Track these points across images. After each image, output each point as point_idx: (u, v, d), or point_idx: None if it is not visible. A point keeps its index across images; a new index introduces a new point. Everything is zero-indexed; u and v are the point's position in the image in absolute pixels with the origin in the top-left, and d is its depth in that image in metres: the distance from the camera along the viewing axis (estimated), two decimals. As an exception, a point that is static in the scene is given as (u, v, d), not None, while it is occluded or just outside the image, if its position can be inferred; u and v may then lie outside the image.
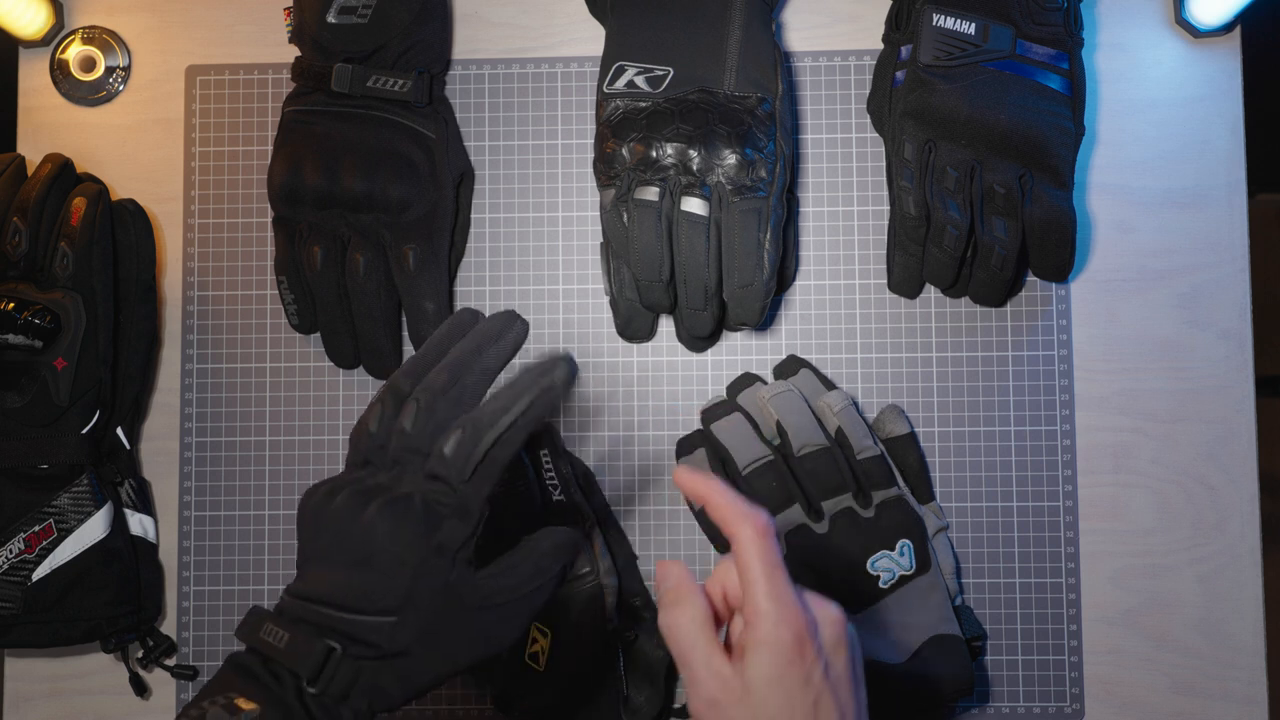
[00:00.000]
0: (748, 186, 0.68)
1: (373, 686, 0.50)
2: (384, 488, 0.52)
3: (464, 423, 0.51)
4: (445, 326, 0.56)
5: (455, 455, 0.51)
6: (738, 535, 0.47)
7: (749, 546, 0.46)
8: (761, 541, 0.46)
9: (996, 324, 0.77)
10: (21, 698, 0.77)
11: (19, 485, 0.71)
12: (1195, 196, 0.78)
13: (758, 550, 0.46)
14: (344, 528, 0.51)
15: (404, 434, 0.53)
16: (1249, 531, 0.75)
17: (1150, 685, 0.75)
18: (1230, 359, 0.76)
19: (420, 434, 0.52)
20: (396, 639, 0.50)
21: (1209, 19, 0.77)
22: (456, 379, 0.54)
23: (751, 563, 0.46)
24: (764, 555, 0.46)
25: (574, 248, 0.78)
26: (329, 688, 0.50)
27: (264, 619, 0.51)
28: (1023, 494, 0.76)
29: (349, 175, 0.72)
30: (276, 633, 0.50)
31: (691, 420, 0.77)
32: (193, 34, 0.81)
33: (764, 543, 0.46)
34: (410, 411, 0.53)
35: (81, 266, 0.71)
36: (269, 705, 0.49)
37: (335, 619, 0.50)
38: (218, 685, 0.50)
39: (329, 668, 0.50)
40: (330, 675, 0.50)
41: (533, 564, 0.53)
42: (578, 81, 0.79)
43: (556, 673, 0.70)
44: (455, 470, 0.51)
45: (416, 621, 0.50)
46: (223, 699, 0.49)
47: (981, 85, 0.71)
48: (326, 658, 0.50)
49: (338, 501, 0.52)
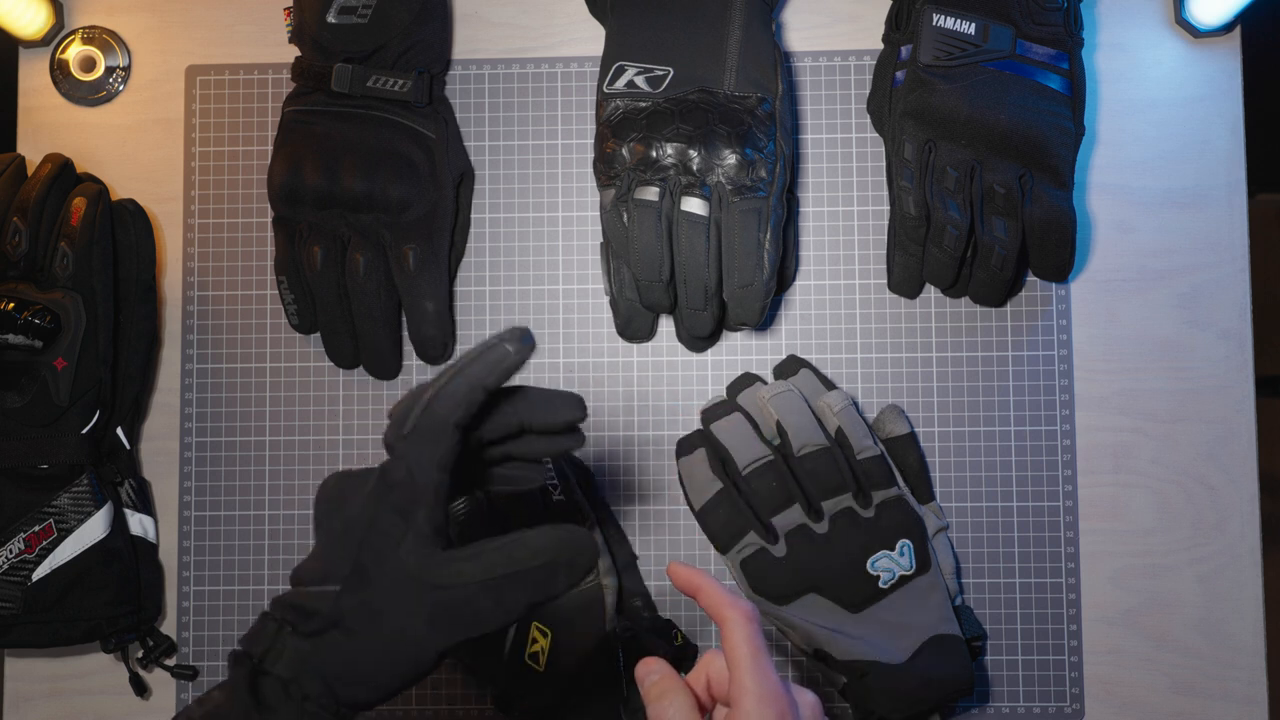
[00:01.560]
0: (748, 186, 0.68)
1: (325, 667, 0.49)
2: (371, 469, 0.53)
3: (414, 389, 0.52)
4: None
5: (395, 418, 0.51)
6: (726, 619, 0.50)
7: (736, 630, 0.50)
8: (748, 626, 0.50)
9: (996, 324, 0.77)
10: (21, 698, 0.77)
11: (19, 485, 0.71)
12: (1195, 196, 0.78)
13: (744, 634, 0.50)
14: (332, 509, 0.52)
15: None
16: (1249, 531, 0.75)
17: (1150, 685, 0.75)
18: (1230, 359, 0.76)
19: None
20: (338, 606, 0.49)
21: (1209, 19, 0.77)
22: None
23: (739, 645, 0.50)
24: (750, 639, 0.50)
25: (574, 248, 0.78)
26: (277, 667, 0.49)
27: None
28: (1023, 494, 0.76)
29: (349, 175, 0.72)
30: None
31: (691, 420, 0.77)
32: (193, 34, 0.81)
33: (750, 628, 0.50)
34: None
35: (81, 266, 0.71)
36: (230, 694, 0.49)
37: (289, 595, 0.50)
38: None
39: (276, 645, 0.49)
40: (279, 654, 0.49)
41: (506, 555, 0.50)
42: (578, 81, 0.79)
43: (556, 673, 0.70)
44: (395, 428, 0.51)
45: (361, 590, 0.49)
46: (208, 694, 0.50)
47: (981, 85, 0.71)
48: (277, 634, 0.49)
49: (332, 483, 0.54)
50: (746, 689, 0.49)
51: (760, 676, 0.49)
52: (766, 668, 0.49)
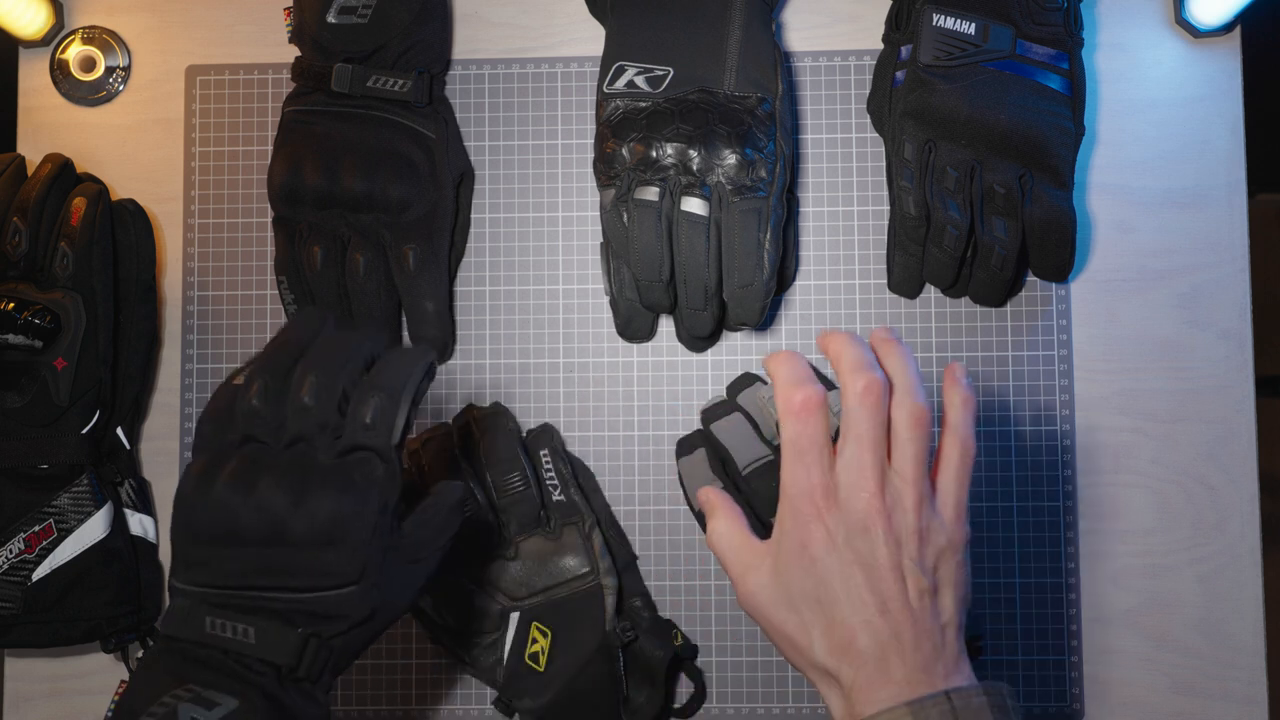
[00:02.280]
0: (748, 186, 0.68)
1: (338, 657, 0.52)
2: (294, 464, 0.51)
3: (374, 391, 0.52)
4: (292, 322, 0.56)
5: (380, 423, 0.52)
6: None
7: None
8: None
9: (996, 324, 0.77)
10: (21, 698, 0.77)
11: (19, 485, 0.71)
12: (1195, 196, 0.78)
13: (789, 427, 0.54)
14: (241, 507, 0.50)
15: (305, 409, 0.52)
16: (1249, 531, 0.75)
17: (1150, 685, 0.75)
18: (1230, 359, 0.76)
19: (326, 408, 0.52)
20: (362, 606, 0.52)
21: (1209, 19, 0.77)
22: (347, 359, 0.54)
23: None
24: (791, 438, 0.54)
25: (574, 248, 0.78)
26: (309, 671, 0.51)
27: (199, 613, 0.51)
28: (1023, 494, 0.76)
29: (349, 175, 0.72)
30: (233, 626, 0.50)
31: (691, 420, 0.77)
32: (193, 34, 0.81)
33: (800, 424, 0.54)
34: (309, 386, 0.52)
35: (81, 266, 0.71)
36: (249, 698, 0.49)
37: (295, 601, 0.51)
38: (160, 682, 0.49)
39: (308, 653, 0.51)
40: (310, 660, 0.51)
41: (443, 517, 0.57)
42: (578, 81, 0.79)
43: (556, 673, 0.70)
44: (381, 437, 0.52)
45: (375, 585, 0.52)
46: (186, 693, 0.48)
47: (981, 85, 0.71)
48: (305, 644, 0.51)
49: (222, 484, 0.51)
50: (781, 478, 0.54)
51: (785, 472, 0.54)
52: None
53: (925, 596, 0.51)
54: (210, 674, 0.50)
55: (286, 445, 0.52)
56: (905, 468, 0.52)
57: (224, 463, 0.52)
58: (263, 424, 0.53)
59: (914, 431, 0.52)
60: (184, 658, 0.50)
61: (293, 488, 0.51)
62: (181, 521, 0.52)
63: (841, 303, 0.78)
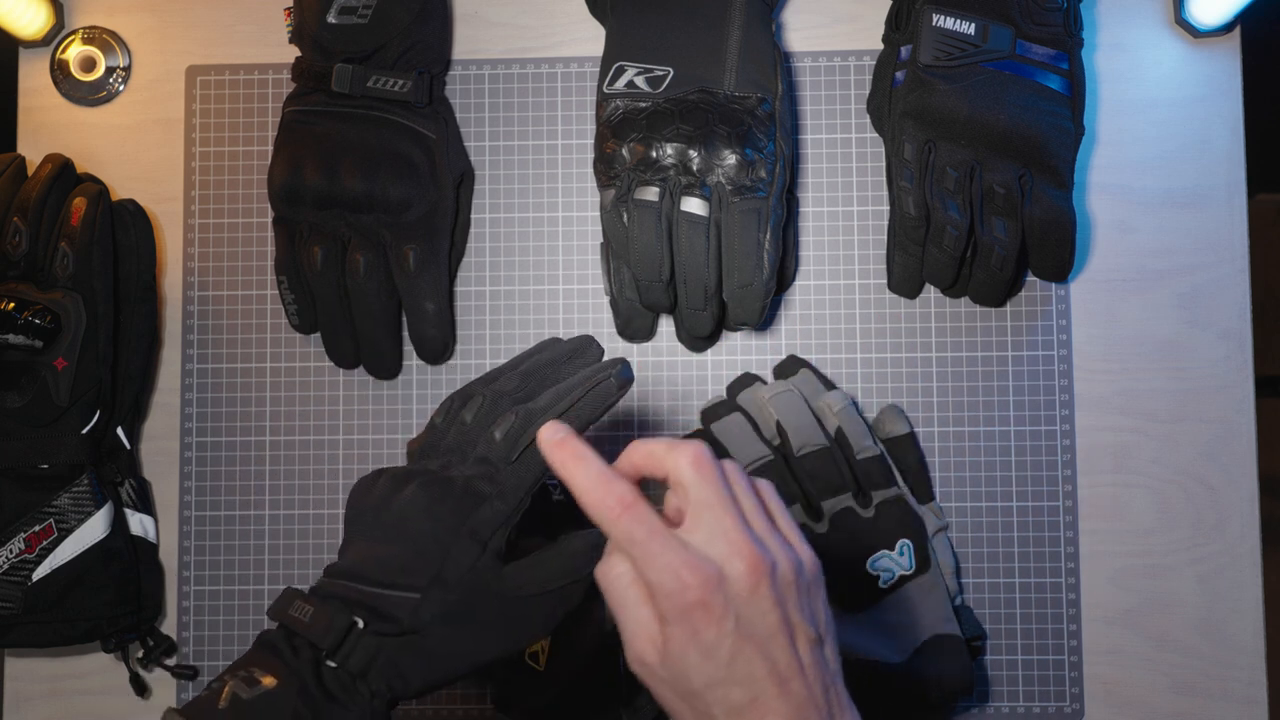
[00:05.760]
0: (748, 187, 0.68)
1: (392, 666, 0.51)
2: (429, 471, 0.54)
3: (517, 409, 0.53)
4: (532, 348, 0.59)
5: (504, 438, 0.53)
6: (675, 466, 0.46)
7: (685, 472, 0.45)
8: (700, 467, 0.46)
9: (996, 324, 0.77)
10: (21, 698, 0.77)
11: (19, 485, 0.71)
12: (1195, 196, 0.78)
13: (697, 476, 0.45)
14: (381, 505, 0.53)
15: (463, 426, 0.54)
16: (1249, 531, 0.75)
17: (1150, 685, 0.75)
18: (1230, 359, 0.76)
19: (478, 426, 0.54)
20: (419, 615, 0.51)
21: (1209, 19, 0.77)
22: (525, 385, 0.56)
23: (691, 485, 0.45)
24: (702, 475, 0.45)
25: (574, 248, 0.78)
26: (348, 662, 0.50)
27: (295, 596, 0.52)
28: (1023, 494, 0.76)
29: (349, 175, 0.72)
30: (304, 608, 0.51)
31: (691, 420, 0.77)
32: (193, 34, 0.81)
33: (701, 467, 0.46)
34: (474, 406, 0.55)
35: (82, 266, 0.71)
36: (286, 678, 0.49)
37: (362, 593, 0.51)
38: (244, 661, 0.51)
39: (349, 641, 0.51)
40: (350, 649, 0.50)
41: (563, 561, 0.53)
42: (578, 81, 0.79)
43: (556, 673, 0.70)
44: (501, 452, 0.52)
45: (441, 601, 0.51)
46: (244, 673, 0.50)
47: (981, 85, 0.71)
48: (348, 631, 0.51)
49: (380, 482, 0.54)
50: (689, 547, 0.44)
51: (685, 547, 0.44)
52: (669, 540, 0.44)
53: (815, 649, 0.45)
54: (269, 655, 0.51)
55: (441, 456, 0.55)
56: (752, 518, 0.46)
57: (400, 472, 0.55)
58: (436, 440, 0.56)
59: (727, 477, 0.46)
60: (263, 640, 0.52)
61: (397, 488, 0.53)
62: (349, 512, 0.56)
63: (841, 303, 0.78)
